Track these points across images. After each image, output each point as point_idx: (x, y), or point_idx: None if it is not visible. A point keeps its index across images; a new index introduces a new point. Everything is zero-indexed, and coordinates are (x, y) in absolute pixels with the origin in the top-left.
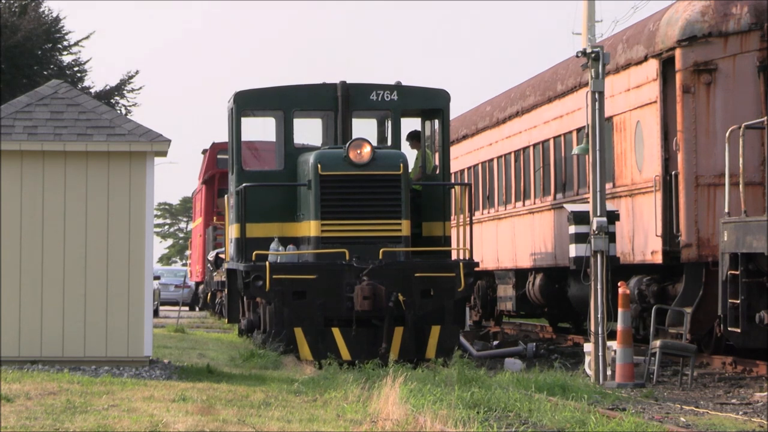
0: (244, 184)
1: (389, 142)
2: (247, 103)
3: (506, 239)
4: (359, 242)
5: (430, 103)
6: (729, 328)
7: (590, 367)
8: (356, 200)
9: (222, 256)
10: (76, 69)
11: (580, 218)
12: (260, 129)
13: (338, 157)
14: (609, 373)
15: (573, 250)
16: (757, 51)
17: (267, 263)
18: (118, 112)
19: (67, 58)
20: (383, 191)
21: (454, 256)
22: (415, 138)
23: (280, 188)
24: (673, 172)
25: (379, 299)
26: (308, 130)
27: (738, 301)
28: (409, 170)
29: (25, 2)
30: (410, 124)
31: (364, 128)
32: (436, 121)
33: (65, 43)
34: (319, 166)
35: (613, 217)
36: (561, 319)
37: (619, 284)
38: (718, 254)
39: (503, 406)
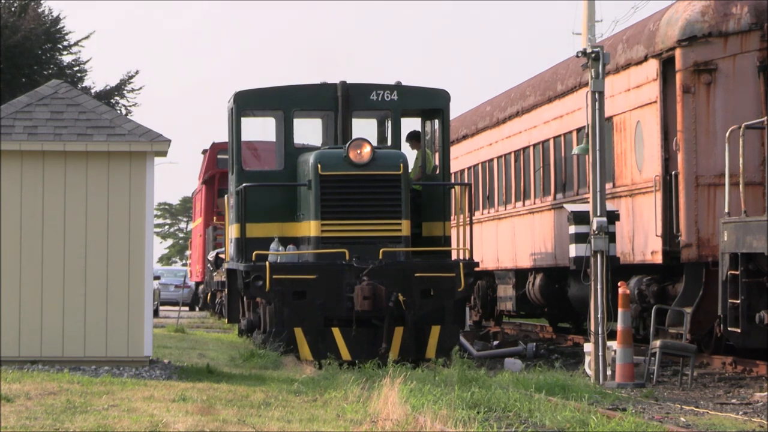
0: (244, 184)
1: (389, 142)
2: (247, 103)
3: (506, 239)
4: (359, 242)
5: (430, 103)
6: (729, 328)
7: (590, 367)
8: (356, 200)
9: (222, 256)
10: (76, 69)
11: (580, 218)
12: (260, 129)
13: (338, 157)
14: (609, 373)
15: (573, 250)
16: (757, 51)
17: (267, 263)
18: (118, 112)
19: (67, 58)
20: (383, 191)
21: (454, 256)
22: (415, 138)
23: (280, 188)
24: (673, 172)
25: (379, 299)
26: (308, 130)
27: (738, 301)
28: (409, 170)
29: (25, 2)
30: (410, 124)
31: (364, 128)
32: (436, 121)
33: (65, 43)
34: (319, 166)
35: (613, 217)
36: (561, 319)
37: (619, 284)
38: (718, 254)
39: (503, 406)
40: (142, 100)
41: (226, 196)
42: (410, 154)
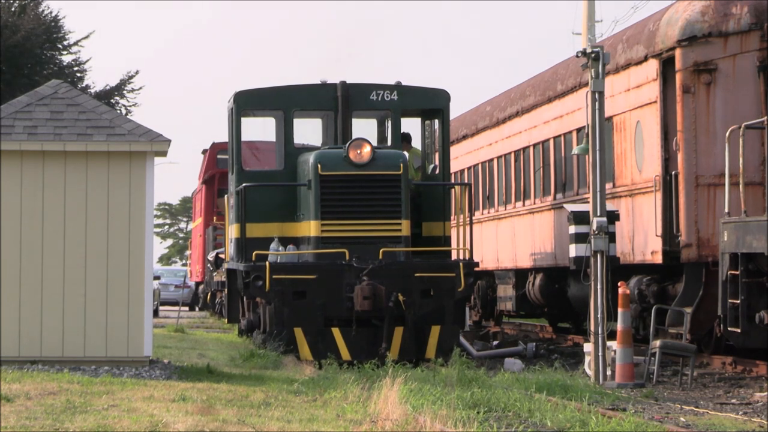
0: (244, 184)
1: (389, 142)
2: (247, 103)
3: (506, 239)
4: (359, 242)
5: (430, 103)
6: (729, 328)
7: (590, 367)
8: (356, 200)
9: (222, 256)
10: (76, 69)
11: (580, 218)
12: (260, 129)
13: (338, 157)
14: (609, 373)
15: (573, 250)
16: (757, 51)
17: (267, 263)
18: (118, 112)
19: (67, 58)
20: (383, 191)
21: (454, 256)
22: (405, 140)
23: (280, 188)
24: (673, 172)
25: (379, 299)
26: (308, 130)
27: (738, 301)
28: None
29: (24, 2)
30: (410, 124)
31: (364, 128)
32: (436, 121)
33: (65, 42)
34: (319, 166)
35: (613, 217)
36: (561, 319)
37: (619, 284)
38: (718, 254)
39: (503, 406)
40: (142, 100)
41: (226, 196)
42: None
